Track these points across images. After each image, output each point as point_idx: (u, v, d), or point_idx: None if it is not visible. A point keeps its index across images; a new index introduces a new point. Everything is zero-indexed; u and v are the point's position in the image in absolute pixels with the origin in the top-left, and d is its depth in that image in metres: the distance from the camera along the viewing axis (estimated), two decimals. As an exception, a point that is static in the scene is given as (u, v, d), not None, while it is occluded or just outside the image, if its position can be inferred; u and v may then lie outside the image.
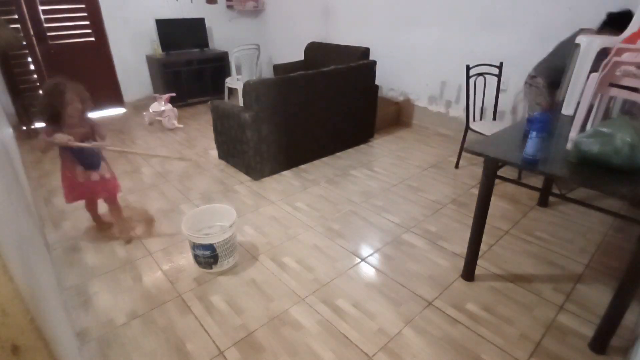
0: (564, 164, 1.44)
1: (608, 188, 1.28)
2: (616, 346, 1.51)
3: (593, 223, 2.35)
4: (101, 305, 1.77)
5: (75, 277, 1.95)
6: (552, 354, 1.50)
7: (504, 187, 2.75)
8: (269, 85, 2.77)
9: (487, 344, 1.54)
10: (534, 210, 2.51)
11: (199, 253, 1.90)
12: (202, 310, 1.73)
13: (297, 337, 1.59)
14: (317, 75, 3.03)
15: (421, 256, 2.09)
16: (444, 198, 2.68)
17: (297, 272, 1.97)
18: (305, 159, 3.24)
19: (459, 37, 3.47)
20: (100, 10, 4.34)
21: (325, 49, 4.08)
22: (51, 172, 3.12)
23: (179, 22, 4.81)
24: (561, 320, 1.66)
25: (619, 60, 1.37)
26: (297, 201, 2.65)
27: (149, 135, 3.97)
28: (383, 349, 1.53)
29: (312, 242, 2.22)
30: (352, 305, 1.75)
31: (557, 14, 2.84)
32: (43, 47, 4.11)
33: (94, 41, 4.43)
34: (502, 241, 2.20)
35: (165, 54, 4.73)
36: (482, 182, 1.67)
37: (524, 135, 1.67)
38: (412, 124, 4.18)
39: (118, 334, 1.62)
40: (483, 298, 1.78)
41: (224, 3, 5.28)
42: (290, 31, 5.22)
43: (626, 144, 1.28)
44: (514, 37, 3.12)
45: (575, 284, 1.86)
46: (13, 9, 3.82)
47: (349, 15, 4.40)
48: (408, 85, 4.09)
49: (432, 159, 3.33)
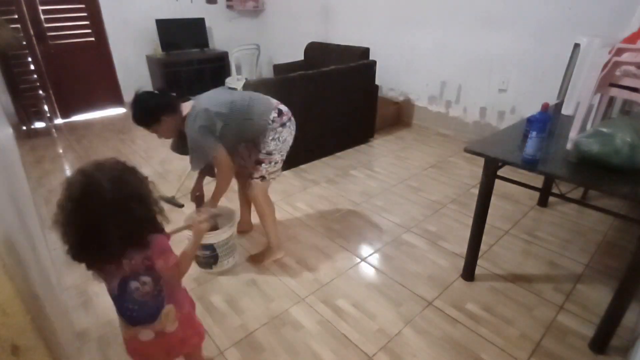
0: (564, 164, 1.44)
1: (608, 188, 1.28)
2: (616, 346, 1.51)
3: (593, 223, 2.35)
4: (101, 305, 1.76)
5: (75, 277, 1.95)
6: (552, 354, 1.50)
7: (504, 187, 2.75)
8: (269, 85, 2.76)
9: (487, 344, 1.54)
10: (534, 210, 2.51)
11: (199, 253, 1.90)
12: (202, 310, 1.73)
13: (297, 337, 1.59)
14: (317, 75, 3.03)
15: (421, 256, 2.09)
16: (444, 198, 2.68)
17: (297, 272, 1.97)
18: (305, 159, 3.24)
19: (459, 37, 3.47)
20: (100, 10, 4.34)
21: (325, 49, 4.08)
22: (51, 172, 3.12)
23: (179, 22, 4.81)
24: (561, 320, 1.66)
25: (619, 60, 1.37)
26: (297, 201, 2.65)
27: (148, 135, 3.95)
28: (383, 349, 1.53)
29: (312, 242, 2.22)
30: (352, 305, 1.75)
31: (557, 13, 2.84)
32: (43, 47, 4.11)
33: (94, 41, 4.43)
34: (502, 241, 2.20)
35: (165, 54, 4.73)
36: (482, 182, 1.67)
37: (524, 135, 1.67)
38: (412, 124, 4.18)
39: (118, 334, 1.61)
40: (483, 298, 1.78)
41: (224, 3, 5.28)
42: (290, 31, 5.22)
43: (626, 144, 1.28)
44: (514, 37, 3.11)
45: (575, 284, 1.86)
46: (13, 9, 3.82)
47: (349, 15, 4.39)
48: (408, 85, 4.09)
49: (432, 159, 3.33)
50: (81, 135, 4.01)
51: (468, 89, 3.58)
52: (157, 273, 1.03)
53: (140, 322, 1.05)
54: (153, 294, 1.04)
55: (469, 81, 3.54)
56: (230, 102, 1.79)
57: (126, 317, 1.05)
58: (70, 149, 3.66)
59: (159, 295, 1.05)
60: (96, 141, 3.83)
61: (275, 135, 1.84)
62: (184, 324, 1.13)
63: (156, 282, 1.03)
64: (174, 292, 1.10)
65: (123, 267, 0.97)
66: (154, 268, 1.01)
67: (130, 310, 1.04)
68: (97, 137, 3.97)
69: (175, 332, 1.10)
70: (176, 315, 1.10)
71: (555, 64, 2.87)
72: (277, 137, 1.84)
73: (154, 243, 1.00)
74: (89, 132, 4.11)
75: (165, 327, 1.08)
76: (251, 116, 1.80)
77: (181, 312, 1.12)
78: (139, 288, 1.01)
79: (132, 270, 0.99)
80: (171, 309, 1.08)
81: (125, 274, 0.99)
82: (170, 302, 1.08)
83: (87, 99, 4.55)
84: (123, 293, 1.01)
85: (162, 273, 1.03)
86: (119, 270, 0.98)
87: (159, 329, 1.07)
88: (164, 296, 1.06)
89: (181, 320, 1.12)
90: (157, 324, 1.06)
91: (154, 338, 1.07)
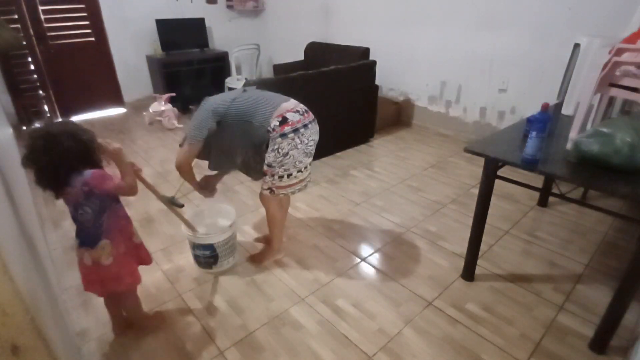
0: (564, 164, 1.44)
1: (608, 188, 1.28)
2: (616, 346, 1.51)
3: (593, 223, 2.35)
4: (101, 306, 1.76)
5: (75, 277, 1.95)
6: (552, 354, 1.50)
7: (504, 187, 2.75)
8: (269, 85, 2.76)
9: (487, 344, 1.54)
10: (534, 210, 2.51)
11: (199, 253, 1.90)
12: (202, 310, 1.73)
13: (297, 337, 1.59)
14: (317, 75, 3.03)
15: (421, 256, 2.09)
16: (444, 198, 2.68)
17: (297, 272, 1.97)
18: (305, 159, 3.24)
19: (459, 37, 3.47)
20: (100, 10, 4.33)
21: (325, 49, 4.08)
22: (51, 172, 3.12)
23: (179, 22, 4.80)
24: (561, 320, 1.66)
25: (619, 60, 1.37)
26: (297, 201, 2.65)
27: (148, 135, 3.97)
28: (383, 349, 1.53)
29: (312, 242, 2.22)
30: (352, 305, 1.75)
31: (557, 14, 2.84)
32: (43, 47, 4.11)
33: (94, 41, 4.43)
34: (502, 241, 2.20)
35: (165, 54, 4.73)
36: (482, 182, 1.67)
37: (524, 135, 1.67)
38: (412, 124, 4.18)
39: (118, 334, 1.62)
40: (483, 298, 1.78)
41: (224, 3, 5.28)
42: (290, 31, 5.22)
43: (626, 144, 1.28)
44: (514, 37, 3.11)
45: (575, 284, 1.86)
46: (13, 9, 3.82)
47: (349, 15, 4.39)
48: (408, 85, 4.09)
49: (432, 159, 3.33)
50: (81, 135, 4.00)
51: (468, 89, 3.58)
52: (97, 205, 1.30)
53: (84, 244, 1.34)
54: (93, 224, 1.32)
55: (469, 81, 3.54)
56: (232, 99, 1.70)
57: (77, 238, 1.35)
58: (70, 149, 3.66)
59: (99, 227, 1.33)
60: (96, 141, 3.83)
61: (275, 146, 1.65)
62: (119, 262, 1.39)
63: (96, 215, 1.31)
64: (112, 232, 1.36)
65: (69, 194, 1.25)
66: (93, 195, 1.28)
67: (77, 231, 1.34)
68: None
69: (109, 266, 1.36)
70: (111, 251, 1.36)
71: (555, 64, 2.87)
72: (276, 149, 1.65)
73: (91, 173, 1.26)
74: (89, 132, 4.11)
75: (100, 258, 1.34)
76: (251, 119, 1.66)
77: (117, 251, 1.38)
78: (82, 214, 1.30)
79: (75, 196, 1.26)
80: (107, 244, 1.35)
81: (75, 200, 1.27)
82: (108, 238, 1.35)
83: (87, 99, 4.55)
84: (74, 219, 1.32)
85: (100, 193, 1.29)
86: (68, 197, 1.27)
87: (95, 257, 1.34)
88: (102, 231, 1.33)
89: (116, 258, 1.37)
90: (94, 252, 1.33)
91: (92, 265, 1.35)
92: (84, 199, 1.27)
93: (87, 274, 1.38)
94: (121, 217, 1.42)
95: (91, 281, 1.39)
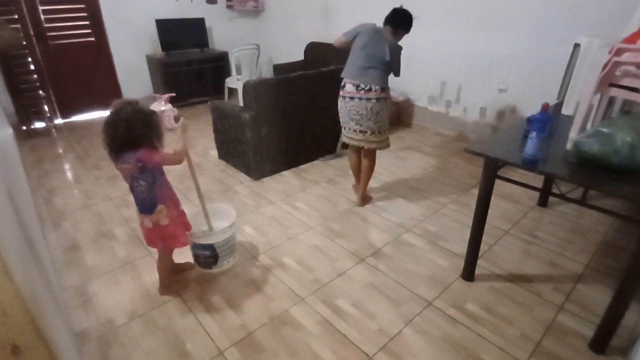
0: (564, 164, 1.44)
1: (608, 188, 1.28)
2: (616, 346, 1.51)
3: (593, 223, 2.35)
4: (101, 305, 1.77)
5: (75, 277, 1.95)
6: (552, 354, 1.50)
7: (504, 187, 2.75)
8: (269, 85, 2.77)
9: (487, 344, 1.54)
10: (534, 210, 2.51)
11: (199, 253, 1.90)
12: (202, 310, 1.73)
13: (297, 337, 1.59)
14: (317, 75, 3.03)
15: (421, 256, 2.09)
16: (444, 198, 2.68)
17: (297, 272, 1.97)
18: (305, 159, 3.24)
19: (459, 37, 3.47)
20: (100, 10, 4.34)
21: (325, 49, 4.07)
22: (51, 172, 3.12)
23: (179, 22, 4.81)
24: (561, 320, 1.66)
25: (619, 60, 1.37)
26: (297, 201, 2.65)
27: (149, 135, 3.96)
28: (383, 349, 1.53)
29: (312, 242, 2.22)
30: (352, 305, 1.75)
31: (557, 13, 2.84)
32: (43, 47, 4.11)
33: (94, 41, 4.43)
34: (502, 241, 2.20)
35: (165, 54, 4.73)
36: (482, 182, 1.67)
37: (524, 135, 1.67)
38: (412, 124, 4.18)
39: (118, 334, 1.62)
40: (483, 298, 1.78)
41: (224, 3, 5.28)
42: (290, 31, 5.22)
43: (626, 144, 1.28)
44: (514, 37, 3.11)
45: (575, 284, 1.86)
46: (13, 9, 3.82)
47: (349, 16, 4.39)
48: (408, 85, 4.09)
49: (432, 159, 3.33)
50: (81, 135, 4.01)
51: (468, 89, 3.58)
52: (150, 177, 1.55)
53: (144, 212, 1.61)
54: (148, 194, 1.57)
55: (469, 81, 3.54)
56: (355, 35, 2.41)
57: (137, 206, 1.61)
58: (70, 149, 3.66)
59: (153, 196, 1.59)
60: (96, 141, 3.83)
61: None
62: (174, 222, 1.68)
63: (149, 186, 1.56)
64: (165, 199, 1.63)
65: (126, 168, 1.50)
66: (146, 169, 1.52)
67: (136, 201, 1.60)
68: (97, 137, 3.92)
69: (167, 226, 1.65)
70: (167, 214, 1.64)
71: (555, 64, 2.87)
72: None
73: (145, 152, 1.49)
74: (89, 132, 4.11)
75: (159, 220, 1.62)
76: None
77: (171, 214, 1.66)
78: (138, 186, 1.55)
79: (131, 171, 1.51)
80: (162, 208, 1.62)
81: (131, 173, 1.52)
82: (162, 203, 1.62)
83: (87, 99, 4.55)
84: (132, 189, 1.58)
85: (153, 167, 1.54)
86: (125, 171, 1.52)
87: (155, 220, 1.62)
88: (157, 198, 1.60)
89: (171, 220, 1.66)
90: (153, 216, 1.61)
91: (152, 227, 1.63)
92: (138, 173, 1.52)
93: (149, 235, 1.67)
94: (169, 187, 1.69)
95: (153, 239, 1.68)
